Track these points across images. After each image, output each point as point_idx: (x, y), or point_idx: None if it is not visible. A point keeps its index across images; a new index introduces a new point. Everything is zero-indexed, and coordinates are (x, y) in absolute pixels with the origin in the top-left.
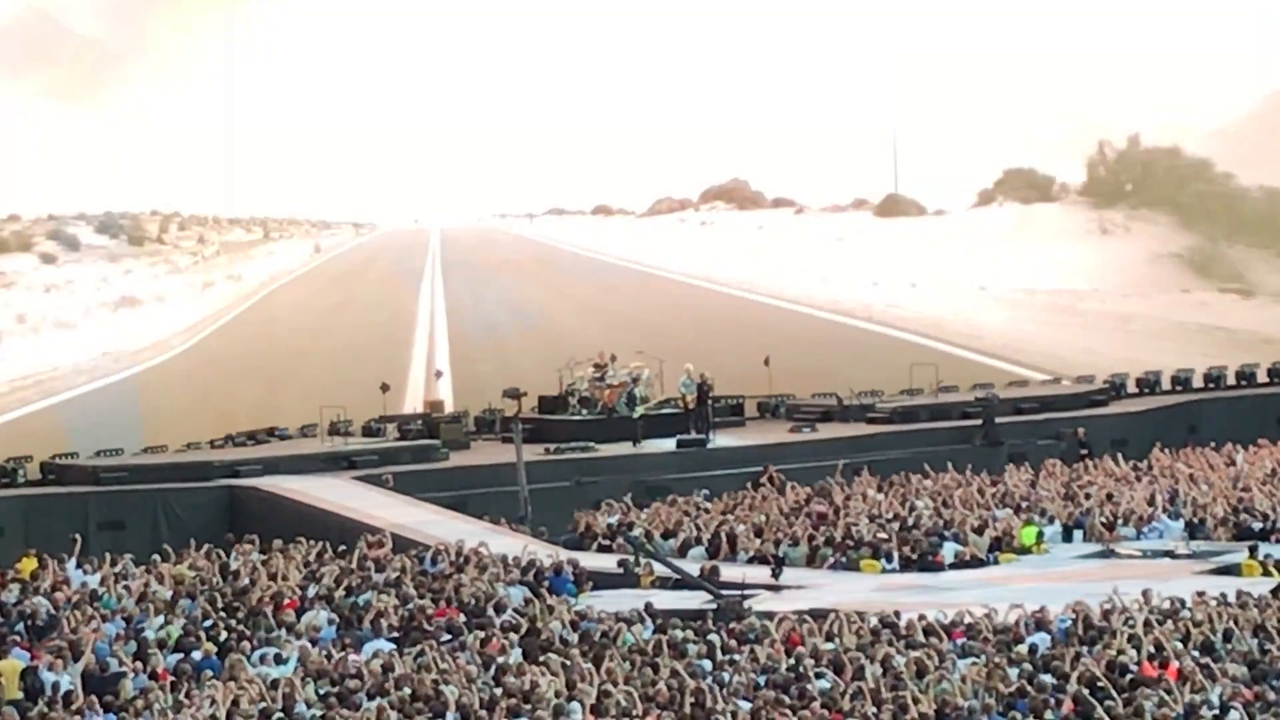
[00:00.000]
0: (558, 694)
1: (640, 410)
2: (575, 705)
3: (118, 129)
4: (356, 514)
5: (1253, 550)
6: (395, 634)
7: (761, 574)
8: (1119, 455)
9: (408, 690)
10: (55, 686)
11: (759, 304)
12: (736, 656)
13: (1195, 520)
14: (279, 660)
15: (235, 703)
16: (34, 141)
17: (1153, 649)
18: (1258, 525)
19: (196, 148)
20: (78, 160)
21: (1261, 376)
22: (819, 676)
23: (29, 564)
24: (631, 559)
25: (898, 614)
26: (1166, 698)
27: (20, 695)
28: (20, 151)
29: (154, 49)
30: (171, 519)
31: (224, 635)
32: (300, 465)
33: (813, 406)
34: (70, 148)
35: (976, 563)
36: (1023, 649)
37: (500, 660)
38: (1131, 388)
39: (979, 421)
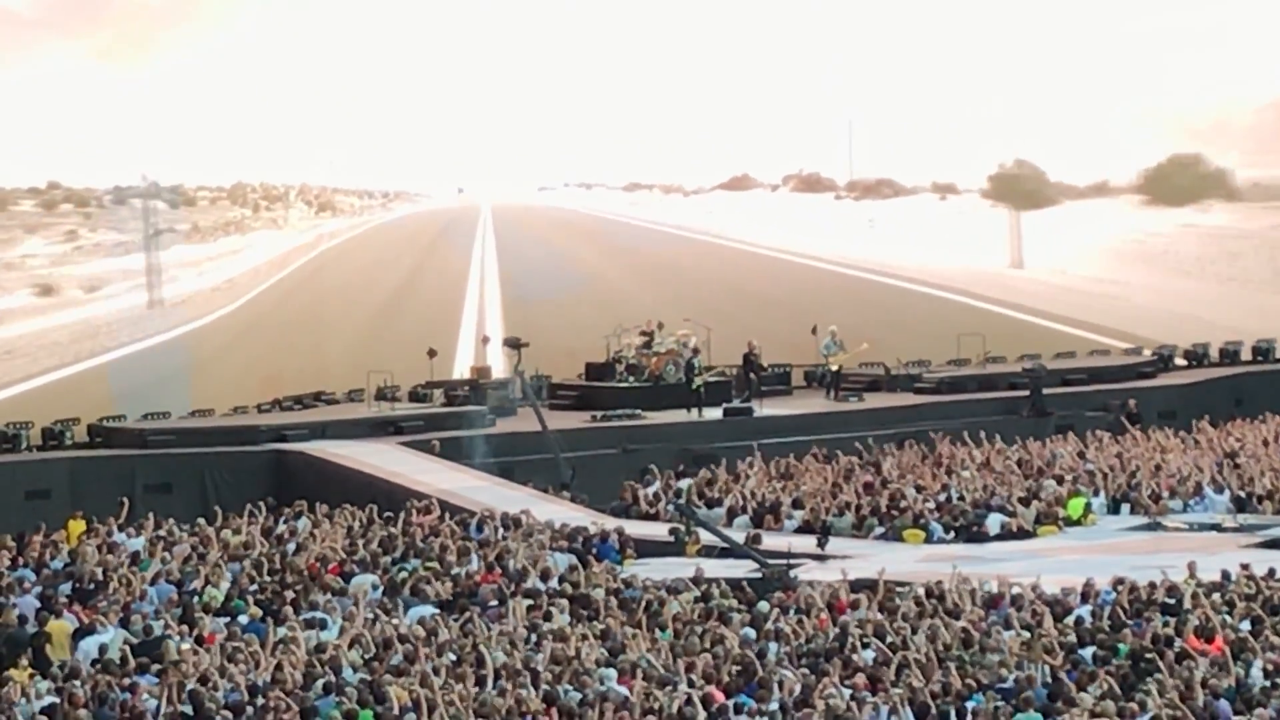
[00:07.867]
0: (599, 661)
1: (699, 381)
2: (611, 671)
3: (160, 92)
4: (403, 479)
5: None
6: (441, 599)
7: (808, 543)
8: (1165, 427)
9: (452, 655)
10: (103, 649)
11: (810, 271)
12: (781, 625)
13: (1242, 493)
14: (324, 625)
15: (280, 667)
16: (81, 103)
17: (1199, 622)
18: None
19: (228, 114)
20: (122, 122)
21: None
22: (865, 646)
23: (77, 526)
24: (683, 528)
25: (942, 584)
26: (1212, 671)
27: (70, 656)
28: (68, 113)
29: (198, 14)
30: (218, 483)
31: (270, 599)
32: (347, 430)
33: (860, 376)
34: (115, 110)
35: (1022, 534)
36: (1069, 621)
37: (544, 626)
38: (1180, 360)
39: (1026, 392)
